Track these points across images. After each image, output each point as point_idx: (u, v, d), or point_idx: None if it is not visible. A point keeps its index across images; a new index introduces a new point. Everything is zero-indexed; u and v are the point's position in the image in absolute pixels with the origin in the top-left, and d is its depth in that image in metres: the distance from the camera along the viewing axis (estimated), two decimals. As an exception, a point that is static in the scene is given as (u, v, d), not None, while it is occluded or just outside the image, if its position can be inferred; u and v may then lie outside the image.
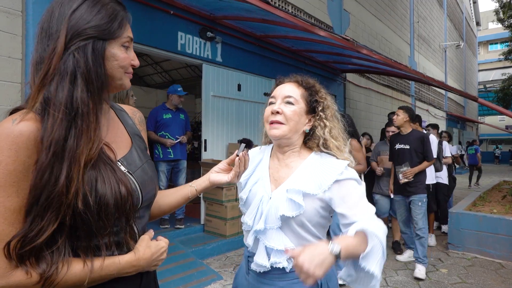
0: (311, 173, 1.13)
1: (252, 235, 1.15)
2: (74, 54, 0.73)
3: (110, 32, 0.78)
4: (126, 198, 0.79)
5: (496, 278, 3.70)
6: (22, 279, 0.69)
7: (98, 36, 0.76)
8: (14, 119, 0.70)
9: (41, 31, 0.77)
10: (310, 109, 1.18)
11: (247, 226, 1.16)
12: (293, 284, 1.12)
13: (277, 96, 1.18)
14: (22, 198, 0.69)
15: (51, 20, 0.76)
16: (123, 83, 0.85)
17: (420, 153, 3.84)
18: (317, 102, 1.19)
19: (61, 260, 0.72)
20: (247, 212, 1.17)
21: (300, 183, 1.11)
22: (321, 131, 1.17)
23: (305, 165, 1.16)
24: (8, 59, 2.82)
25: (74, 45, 0.74)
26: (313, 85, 1.22)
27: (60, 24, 0.74)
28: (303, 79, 1.22)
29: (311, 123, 1.19)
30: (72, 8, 0.75)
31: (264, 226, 1.11)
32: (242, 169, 1.09)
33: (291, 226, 1.10)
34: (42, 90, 0.72)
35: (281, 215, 1.08)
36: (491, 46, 36.96)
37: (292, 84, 1.20)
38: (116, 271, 0.80)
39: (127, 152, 0.90)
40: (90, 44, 0.75)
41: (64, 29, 0.73)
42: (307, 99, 1.18)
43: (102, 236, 0.77)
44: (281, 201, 1.10)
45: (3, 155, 0.67)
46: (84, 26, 0.75)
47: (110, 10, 0.79)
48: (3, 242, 0.68)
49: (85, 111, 0.74)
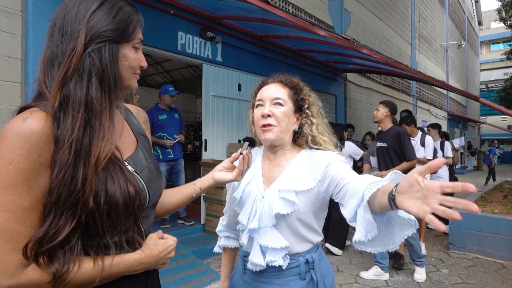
0: (302, 169, 1.14)
1: (246, 234, 1.16)
2: (91, 54, 0.75)
3: (126, 35, 0.81)
4: (134, 197, 0.80)
5: (497, 278, 3.69)
6: (34, 278, 0.69)
7: (115, 39, 0.79)
8: (25, 118, 0.70)
9: (53, 28, 0.77)
10: (297, 108, 1.20)
11: (242, 225, 1.17)
12: (289, 281, 1.13)
13: (265, 98, 1.17)
14: (33, 196, 0.70)
15: (66, 18, 0.77)
16: (131, 84, 0.87)
17: (399, 151, 3.55)
18: (303, 100, 1.20)
19: (72, 259, 0.72)
20: (242, 212, 1.18)
21: (292, 182, 1.12)
22: (308, 128, 1.19)
23: (295, 162, 1.17)
24: (8, 59, 2.82)
25: (92, 46, 0.75)
26: (297, 84, 1.22)
27: (79, 24, 0.76)
28: (287, 79, 1.23)
29: (299, 122, 1.20)
30: (91, 10, 0.77)
31: (258, 225, 1.11)
32: (246, 167, 1.10)
33: (287, 222, 1.10)
34: (61, 89, 0.72)
35: (276, 213, 1.08)
36: (493, 46, 36.82)
37: (277, 85, 1.20)
38: (125, 269, 0.81)
39: (133, 152, 0.91)
40: (107, 46, 0.77)
41: (84, 30, 0.75)
42: (293, 98, 1.19)
43: (111, 235, 0.78)
44: (275, 200, 1.10)
45: (15, 153, 0.67)
46: (103, 28, 0.77)
47: (126, 13, 0.82)
48: (14, 240, 0.68)
49: (100, 110, 0.75)
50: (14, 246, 0.68)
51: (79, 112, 0.72)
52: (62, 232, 0.69)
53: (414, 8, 12.02)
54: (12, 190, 0.67)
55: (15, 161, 0.67)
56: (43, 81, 0.77)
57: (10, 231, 0.67)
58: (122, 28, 0.80)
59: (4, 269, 0.67)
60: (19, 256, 0.68)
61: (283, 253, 1.10)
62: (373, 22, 9.01)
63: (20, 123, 0.69)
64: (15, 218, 0.68)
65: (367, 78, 8.76)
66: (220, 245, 1.38)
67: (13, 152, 0.67)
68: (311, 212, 1.12)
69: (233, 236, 1.36)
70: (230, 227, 1.37)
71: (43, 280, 0.70)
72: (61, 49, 0.75)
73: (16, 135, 0.68)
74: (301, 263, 1.13)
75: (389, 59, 5.16)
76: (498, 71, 28.11)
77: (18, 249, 0.68)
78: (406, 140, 3.53)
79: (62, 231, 0.69)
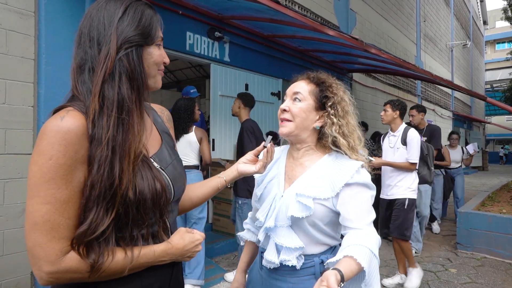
0: (324, 175, 1.11)
1: (263, 231, 1.16)
2: (121, 58, 0.80)
3: (150, 38, 0.87)
4: (161, 193, 0.84)
5: (506, 278, 3.68)
6: (73, 265, 0.74)
7: (142, 43, 0.85)
8: (62, 116, 0.75)
9: (80, 35, 0.83)
10: (320, 105, 1.16)
11: (259, 222, 1.17)
12: (304, 280, 1.12)
13: (288, 93, 1.20)
14: (70, 190, 0.74)
15: (93, 25, 0.82)
16: (156, 81, 0.92)
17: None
18: (327, 98, 1.15)
19: (107, 250, 0.77)
20: (260, 209, 1.18)
21: (311, 186, 1.10)
22: (330, 128, 1.14)
23: (318, 166, 1.15)
24: (21, 59, 2.86)
25: (123, 50, 0.81)
26: (324, 81, 1.19)
27: (108, 30, 0.81)
28: (315, 75, 1.21)
29: (323, 120, 1.16)
30: (117, 16, 0.82)
31: (274, 224, 1.11)
32: (270, 159, 1.12)
33: (302, 226, 1.09)
34: (99, 93, 0.77)
35: (290, 215, 1.08)
36: (498, 45, 36.59)
37: (303, 81, 1.20)
38: (153, 259, 0.85)
39: (158, 149, 0.95)
40: (135, 49, 0.83)
41: (114, 36, 0.81)
42: (316, 95, 1.16)
43: (139, 228, 0.83)
44: (291, 201, 1.10)
45: (54, 149, 0.72)
46: (131, 33, 0.83)
47: (148, 17, 0.87)
48: (54, 230, 0.73)
49: (131, 107, 0.80)
50: (54, 235, 0.73)
51: (112, 111, 0.77)
52: (103, 224, 0.74)
53: (419, 8, 11.98)
54: (52, 183, 0.72)
55: (54, 156, 0.72)
56: (75, 87, 0.82)
57: (51, 222, 0.72)
58: (147, 32, 0.86)
59: (46, 256, 0.72)
60: (59, 245, 0.73)
61: (297, 253, 1.09)
62: (379, 22, 9.00)
63: (58, 122, 0.74)
64: (55, 209, 0.72)
65: (372, 78, 8.75)
66: (240, 236, 1.39)
67: (52, 148, 0.72)
68: (327, 219, 1.10)
69: (253, 230, 1.37)
70: (254, 221, 1.37)
71: (81, 268, 0.75)
72: (90, 54, 0.80)
73: (54, 132, 0.72)
74: (316, 263, 1.12)
75: (397, 59, 5.16)
76: (503, 70, 27.94)
77: (58, 238, 0.73)
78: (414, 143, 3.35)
79: (103, 223, 0.74)
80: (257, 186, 1.25)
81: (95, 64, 0.79)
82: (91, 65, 0.80)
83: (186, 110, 3.28)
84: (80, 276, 0.76)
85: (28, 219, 0.73)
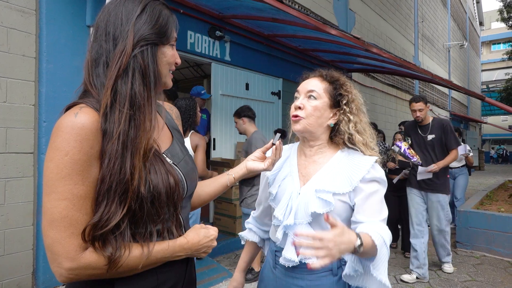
0: (339, 171, 1.13)
1: (281, 230, 1.15)
2: (136, 55, 0.81)
3: (166, 37, 0.88)
4: (174, 188, 0.85)
5: (505, 276, 3.71)
6: (92, 261, 0.74)
7: (157, 42, 0.86)
8: (76, 113, 0.75)
9: (97, 29, 0.83)
10: (334, 103, 1.18)
11: (278, 221, 1.16)
12: (321, 277, 1.12)
13: (301, 91, 1.20)
14: (87, 186, 0.74)
15: (110, 20, 0.82)
16: (167, 80, 0.92)
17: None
18: (342, 96, 1.18)
19: (123, 245, 0.77)
20: (278, 207, 1.17)
21: (329, 182, 1.11)
22: (346, 126, 1.16)
23: (332, 162, 1.16)
24: (22, 58, 2.84)
25: (138, 47, 0.82)
26: (338, 79, 1.21)
27: (125, 26, 0.81)
28: (328, 73, 1.22)
29: (336, 117, 1.18)
30: (136, 13, 0.83)
31: (293, 221, 1.11)
32: (278, 157, 1.13)
33: (321, 222, 1.10)
34: (112, 87, 0.78)
35: (312, 211, 1.08)
36: (493, 46, 36.84)
37: (316, 79, 1.20)
38: (169, 254, 0.85)
39: (170, 145, 0.96)
40: (150, 47, 0.84)
41: (132, 32, 0.81)
42: (331, 93, 1.17)
43: (155, 223, 0.83)
44: (311, 198, 1.10)
45: (70, 145, 0.72)
46: (147, 32, 0.83)
47: (165, 17, 0.88)
48: (72, 226, 0.73)
49: (143, 103, 0.81)
50: (73, 231, 0.73)
51: (124, 106, 0.77)
52: (115, 217, 0.74)
53: (417, 9, 12.05)
54: (69, 179, 0.72)
55: (70, 152, 0.72)
56: (88, 81, 0.82)
57: (69, 218, 0.72)
58: (164, 32, 0.86)
59: (65, 253, 0.72)
60: (78, 241, 0.73)
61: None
62: (377, 22, 9.04)
63: (73, 118, 0.74)
64: (72, 205, 0.72)
65: (371, 77, 8.78)
66: (242, 235, 1.40)
67: (68, 144, 0.72)
68: (345, 214, 1.12)
69: (255, 230, 1.38)
70: (257, 221, 1.38)
71: (100, 263, 0.74)
72: (105, 48, 0.81)
73: (70, 128, 0.72)
74: None
75: (398, 58, 5.18)
76: (499, 71, 28.13)
77: (77, 234, 0.73)
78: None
79: (115, 216, 0.74)
80: (271, 185, 1.24)
81: (110, 59, 0.80)
82: (105, 59, 0.80)
83: (187, 111, 3.08)
84: (99, 272, 0.75)
85: (45, 216, 0.72)
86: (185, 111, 3.08)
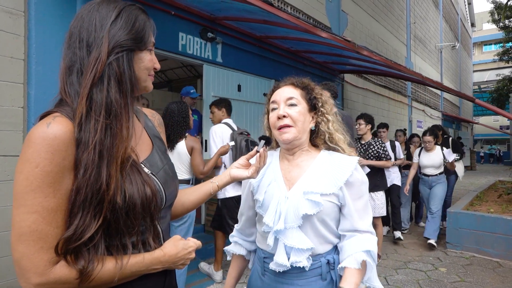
0: (324, 173, 1.15)
1: (272, 236, 1.14)
2: (112, 62, 0.78)
3: (143, 43, 0.86)
4: (151, 198, 0.82)
5: (494, 276, 3.76)
6: (62, 275, 0.72)
7: (133, 47, 0.84)
8: (48, 123, 0.72)
9: (70, 36, 0.81)
10: (311, 107, 1.23)
11: (268, 227, 1.15)
12: (311, 282, 1.13)
13: (279, 100, 1.20)
14: (59, 198, 0.72)
15: (83, 27, 0.80)
16: (147, 85, 0.90)
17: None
18: (316, 99, 1.24)
19: (97, 258, 0.75)
20: (266, 214, 1.16)
21: (315, 184, 1.13)
22: (325, 126, 1.23)
23: (316, 165, 1.18)
24: (10, 60, 2.81)
25: (114, 54, 0.79)
26: (308, 84, 1.26)
27: (100, 33, 0.79)
28: (297, 80, 1.26)
29: (315, 120, 1.23)
30: (111, 19, 0.80)
31: (284, 226, 1.11)
32: (262, 164, 1.13)
33: (312, 224, 1.12)
34: (87, 96, 0.75)
35: (304, 214, 1.09)
36: (485, 47, 37.26)
37: (289, 86, 1.24)
38: (145, 267, 0.83)
39: (149, 154, 0.93)
40: (126, 53, 0.82)
41: (106, 39, 0.78)
42: (306, 98, 1.22)
43: (130, 235, 0.81)
44: (300, 201, 1.11)
45: (41, 157, 0.70)
46: (123, 38, 0.81)
47: (142, 22, 0.86)
48: (42, 240, 0.70)
49: (120, 111, 0.79)
50: (42, 245, 0.70)
51: (100, 115, 0.75)
52: (89, 229, 0.72)
53: (409, 10, 12.14)
54: (39, 192, 0.70)
55: (41, 164, 0.70)
56: (62, 89, 0.80)
57: (39, 232, 0.70)
58: (140, 38, 0.84)
59: (34, 268, 0.70)
60: (48, 255, 0.71)
61: (308, 254, 1.10)
62: (370, 23, 9.09)
63: (45, 128, 0.71)
64: (42, 219, 0.70)
65: (363, 79, 8.82)
66: (228, 250, 1.38)
67: (39, 156, 0.70)
68: (333, 214, 1.15)
69: (240, 242, 1.35)
70: (241, 233, 1.36)
71: (71, 277, 0.72)
72: (79, 55, 0.79)
73: (41, 139, 0.70)
74: (323, 263, 1.14)
75: (388, 61, 5.22)
76: (490, 72, 28.46)
77: (46, 249, 0.70)
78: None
79: (89, 228, 0.72)
80: (256, 192, 1.24)
81: (84, 66, 0.78)
82: (79, 67, 0.78)
83: (180, 114, 3.01)
84: (70, 287, 0.73)
85: (14, 230, 0.70)
86: (178, 114, 3.03)
